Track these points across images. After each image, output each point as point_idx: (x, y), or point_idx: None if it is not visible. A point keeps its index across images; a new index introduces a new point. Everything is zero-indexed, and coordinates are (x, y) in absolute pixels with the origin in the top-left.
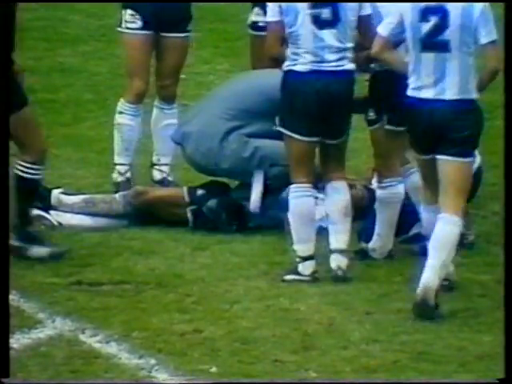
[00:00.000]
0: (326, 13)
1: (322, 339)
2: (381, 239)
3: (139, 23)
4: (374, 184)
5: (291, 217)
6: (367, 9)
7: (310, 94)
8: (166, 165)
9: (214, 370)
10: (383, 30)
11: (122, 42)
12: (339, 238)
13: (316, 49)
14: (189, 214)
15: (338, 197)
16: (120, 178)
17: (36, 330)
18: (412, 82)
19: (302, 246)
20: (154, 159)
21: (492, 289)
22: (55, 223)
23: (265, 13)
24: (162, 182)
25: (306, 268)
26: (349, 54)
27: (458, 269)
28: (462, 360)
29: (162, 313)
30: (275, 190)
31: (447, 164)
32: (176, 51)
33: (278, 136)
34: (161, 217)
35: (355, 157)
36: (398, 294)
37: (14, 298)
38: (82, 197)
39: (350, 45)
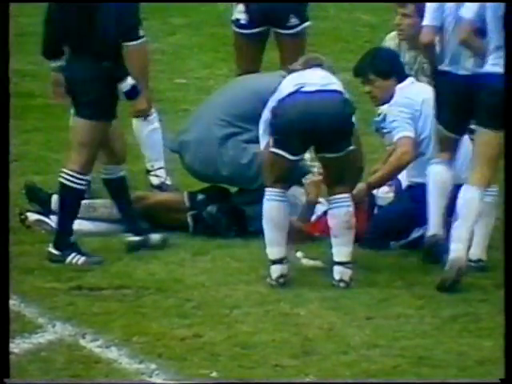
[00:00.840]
0: None
1: (322, 344)
2: (431, 225)
3: None
4: (375, 191)
5: (263, 219)
6: None
7: (295, 115)
8: (160, 169)
9: (214, 374)
10: (468, 12)
11: None
12: (342, 250)
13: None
14: (189, 219)
15: (339, 210)
16: None
17: (36, 335)
18: (495, 57)
19: (271, 249)
20: (148, 166)
21: (492, 294)
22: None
23: (247, 10)
24: (161, 187)
25: (273, 272)
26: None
27: None
28: (463, 365)
29: (162, 318)
30: None
31: None
32: (133, 59)
33: None
34: (161, 221)
35: None
36: (398, 298)
37: (14, 302)
38: (82, 202)
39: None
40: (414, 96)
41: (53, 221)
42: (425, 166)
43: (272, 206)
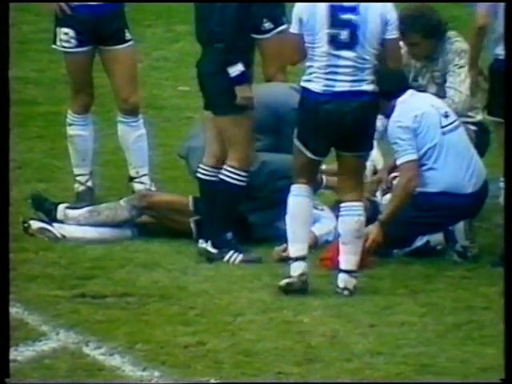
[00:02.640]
0: (344, 34)
1: (325, 351)
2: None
3: (74, 42)
4: (378, 196)
5: (287, 216)
6: (393, 32)
7: (322, 115)
8: (145, 175)
9: (217, 381)
10: None
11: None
12: (349, 258)
13: (330, 68)
14: (192, 225)
15: (350, 218)
16: (81, 188)
17: (40, 343)
18: None
19: (294, 245)
20: (132, 173)
21: (495, 301)
22: (59, 236)
23: None
24: None
25: (295, 269)
26: (367, 76)
27: (461, 281)
28: (466, 372)
29: (166, 325)
30: (281, 202)
31: None
32: (121, 63)
33: (285, 150)
34: (163, 221)
35: None
36: (401, 306)
37: (17, 310)
38: (86, 208)
39: (368, 66)
40: (414, 109)
41: (56, 229)
42: (428, 175)
43: (295, 201)
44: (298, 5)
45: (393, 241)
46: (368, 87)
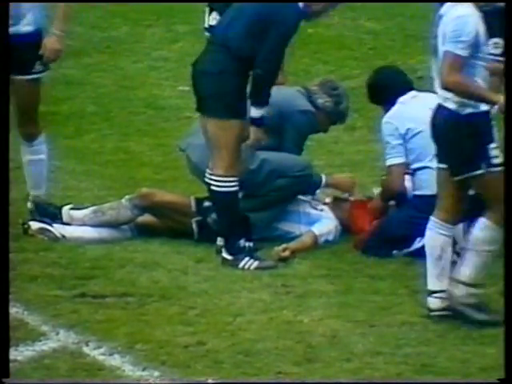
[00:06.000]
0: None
1: (325, 351)
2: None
3: None
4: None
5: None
6: (445, 44)
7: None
8: (37, 196)
9: (216, 381)
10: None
11: None
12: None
13: None
14: (194, 226)
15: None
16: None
17: (40, 343)
18: None
19: (430, 279)
20: (29, 191)
21: (495, 301)
22: (59, 236)
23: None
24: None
25: (432, 303)
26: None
27: None
28: (466, 372)
29: (166, 325)
30: (280, 201)
31: None
32: (23, 95)
33: (286, 152)
34: (165, 221)
35: (358, 170)
36: (401, 306)
37: (17, 310)
38: (90, 208)
39: None
40: (410, 119)
41: (56, 229)
42: (424, 177)
43: (429, 236)
44: None
45: (392, 241)
46: (450, 105)
